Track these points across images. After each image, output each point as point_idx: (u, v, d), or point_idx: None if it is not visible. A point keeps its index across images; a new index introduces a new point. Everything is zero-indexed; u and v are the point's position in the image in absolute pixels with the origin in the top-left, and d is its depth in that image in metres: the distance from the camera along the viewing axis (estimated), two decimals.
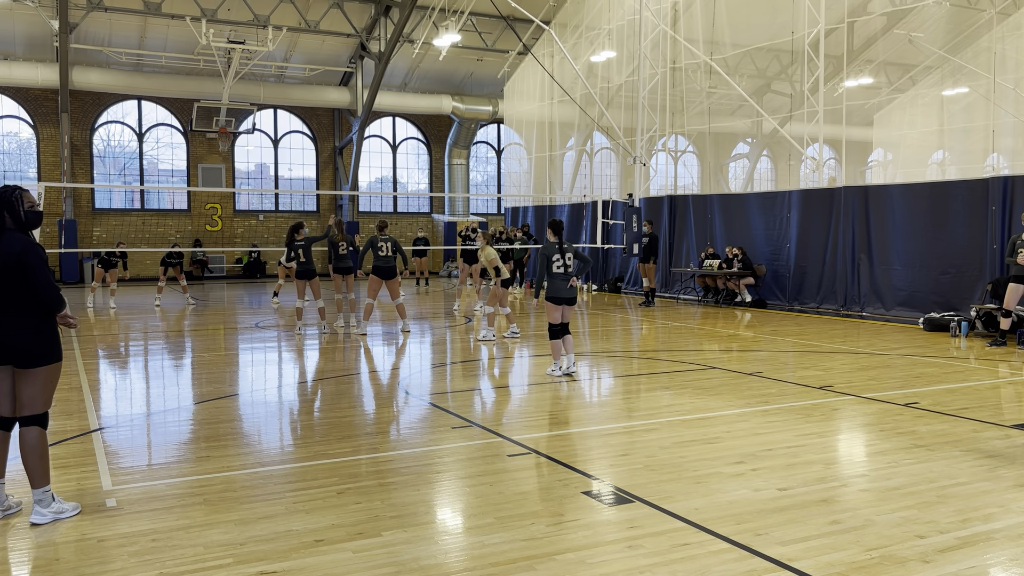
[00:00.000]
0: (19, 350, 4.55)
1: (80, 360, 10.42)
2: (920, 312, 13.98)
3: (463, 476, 5.49)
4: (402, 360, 10.84)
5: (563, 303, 9.06)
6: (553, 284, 8.98)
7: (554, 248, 8.98)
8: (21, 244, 4.55)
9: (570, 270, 9.00)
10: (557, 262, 8.97)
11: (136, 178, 27.38)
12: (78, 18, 23.27)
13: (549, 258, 8.97)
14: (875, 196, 15.30)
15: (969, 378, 9.01)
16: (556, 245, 8.99)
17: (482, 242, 12.64)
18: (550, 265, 8.97)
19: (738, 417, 7.14)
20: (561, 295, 8.99)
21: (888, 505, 4.80)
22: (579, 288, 9.31)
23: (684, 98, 22.59)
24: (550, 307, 9.08)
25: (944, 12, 22.81)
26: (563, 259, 8.97)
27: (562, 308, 9.09)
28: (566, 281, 8.96)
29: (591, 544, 4.24)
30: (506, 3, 18.87)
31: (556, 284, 8.97)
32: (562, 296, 8.99)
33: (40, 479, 4.63)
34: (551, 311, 9.08)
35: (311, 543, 4.27)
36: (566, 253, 9.00)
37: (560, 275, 8.96)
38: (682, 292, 19.49)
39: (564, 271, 8.97)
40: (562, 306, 9.08)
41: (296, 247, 12.89)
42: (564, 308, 9.11)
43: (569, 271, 8.99)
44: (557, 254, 8.97)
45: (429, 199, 32.06)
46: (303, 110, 29.28)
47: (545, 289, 9.05)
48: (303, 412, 7.67)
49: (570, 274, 8.99)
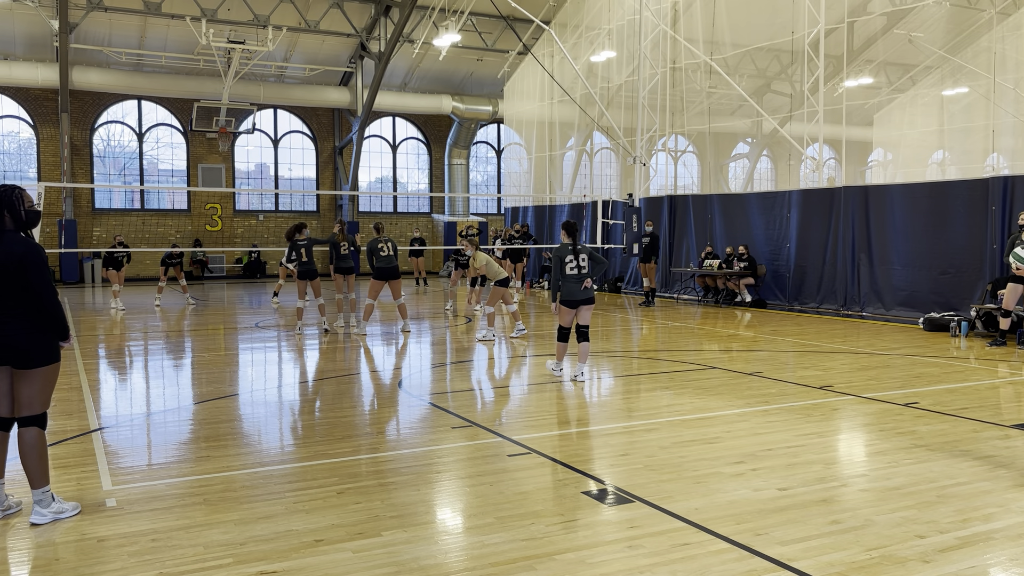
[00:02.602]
0: (18, 351, 4.55)
1: (80, 360, 10.42)
2: (920, 312, 13.98)
3: (463, 476, 5.49)
4: (402, 360, 10.84)
5: (579, 305, 8.89)
6: (567, 286, 8.80)
7: (567, 250, 8.82)
8: (23, 245, 4.55)
9: (584, 271, 8.82)
10: (570, 263, 8.79)
11: (136, 178, 27.38)
12: (78, 18, 23.27)
13: (562, 260, 8.80)
14: (875, 196, 15.30)
15: (969, 378, 9.01)
16: (569, 247, 8.84)
17: (472, 250, 12.56)
18: (563, 267, 8.80)
19: (738, 417, 7.14)
20: (576, 297, 8.82)
21: (888, 505, 4.80)
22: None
23: (684, 98, 22.59)
24: (564, 310, 8.90)
25: (944, 12, 22.82)
26: (576, 260, 8.79)
27: (578, 310, 8.93)
28: (580, 283, 8.79)
29: (591, 544, 4.24)
30: (506, 3, 18.88)
31: (570, 286, 8.80)
32: (577, 298, 8.83)
33: (39, 479, 4.63)
34: (564, 314, 8.93)
35: (311, 543, 4.27)
36: (580, 254, 8.82)
37: (574, 277, 8.78)
38: (682, 292, 19.49)
39: (578, 272, 8.80)
40: (578, 308, 8.91)
41: (298, 247, 12.90)
42: (581, 309, 8.94)
43: (583, 272, 8.81)
44: (571, 255, 8.79)
45: (429, 199, 32.06)
46: (303, 110, 29.28)
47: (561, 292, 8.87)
48: (303, 412, 7.66)
49: (584, 275, 8.81)
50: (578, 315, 8.98)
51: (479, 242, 13.04)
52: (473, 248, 12.60)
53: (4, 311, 4.54)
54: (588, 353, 9.08)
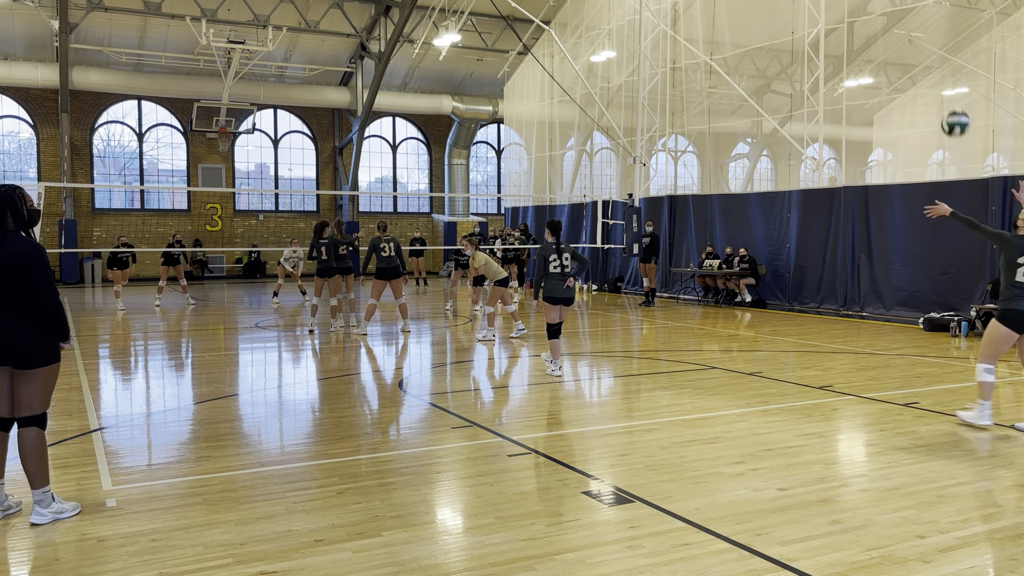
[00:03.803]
0: (19, 351, 4.55)
1: (80, 360, 10.42)
2: (920, 312, 13.98)
3: (463, 476, 5.48)
4: (402, 360, 10.84)
5: (559, 303, 9.16)
6: (550, 284, 9.08)
7: (551, 248, 9.09)
8: (26, 246, 4.56)
9: (567, 270, 9.08)
10: (554, 262, 9.06)
11: (136, 178, 27.38)
12: (78, 18, 23.27)
13: (546, 258, 9.08)
14: (875, 196, 15.30)
15: (969, 378, 9.01)
16: (553, 245, 9.10)
17: (471, 250, 12.64)
18: (547, 265, 9.06)
19: (738, 417, 7.14)
20: (557, 295, 9.09)
21: (888, 505, 4.80)
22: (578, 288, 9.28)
23: (684, 98, 22.60)
24: (547, 307, 9.19)
25: (944, 12, 22.82)
26: (560, 259, 9.06)
27: (559, 308, 9.20)
28: (562, 281, 9.04)
29: (591, 544, 4.24)
30: (506, 3, 18.88)
31: (552, 284, 9.07)
32: (558, 296, 9.10)
33: (39, 479, 4.63)
34: (548, 311, 9.21)
35: (311, 543, 4.27)
36: (563, 253, 9.09)
37: (556, 275, 9.05)
38: (682, 292, 19.49)
39: (561, 271, 9.06)
40: (559, 306, 9.19)
41: (320, 245, 13.26)
42: (561, 308, 9.22)
43: (566, 271, 9.07)
44: (554, 254, 9.07)
45: (429, 199, 32.05)
46: (303, 110, 29.28)
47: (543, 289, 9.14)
48: (303, 412, 7.66)
49: (567, 274, 9.06)
50: (559, 313, 9.24)
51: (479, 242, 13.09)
52: (472, 248, 12.65)
53: (5, 311, 4.54)
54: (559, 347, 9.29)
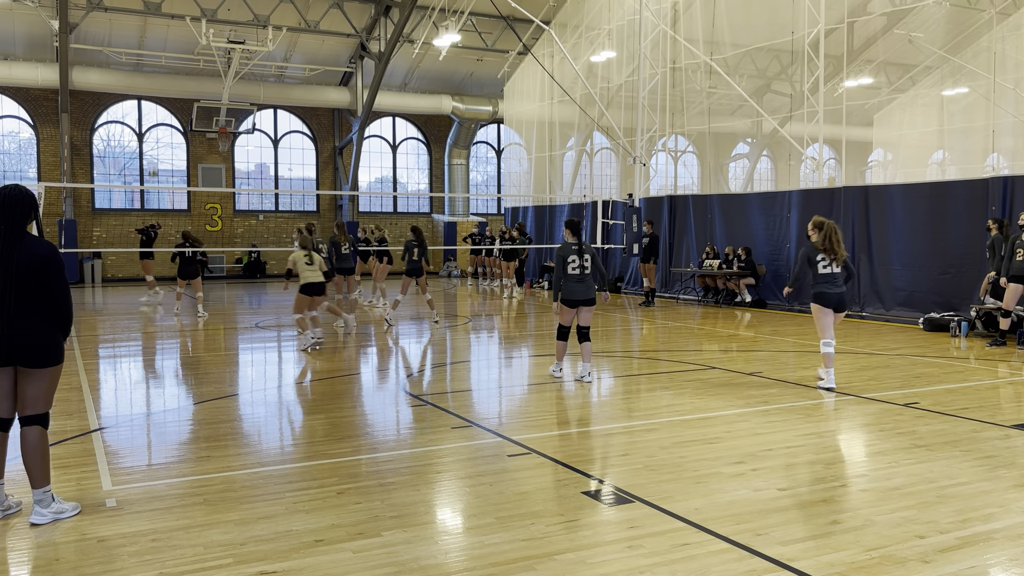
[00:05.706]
0: (30, 349, 4.57)
1: (80, 360, 10.42)
2: (920, 312, 13.97)
3: (463, 476, 5.48)
4: (402, 360, 10.84)
5: (579, 305, 8.72)
6: (568, 286, 8.63)
7: (571, 249, 8.66)
8: (46, 248, 4.62)
9: (586, 271, 8.66)
10: (573, 263, 8.61)
11: (136, 178, 27.37)
12: (78, 18, 23.27)
13: (565, 259, 8.63)
14: (875, 196, 15.30)
15: (969, 378, 9.01)
16: (573, 245, 8.68)
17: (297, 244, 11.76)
18: (565, 266, 8.63)
19: (738, 417, 7.14)
20: (576, 297, 8.65)
21: (888, 505, 4.80)
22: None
23: (684, 98, 22.59)
24: (565, 310, 8.76)
25: (944, 12, 22.82)
26: (579, 260, 8.62)
27: (578, 311, 8.79)
28: (581, 283, 8.62)
29: (591, 544, 4.24)
30: (506, 3, 18.87)
31: (571, 286, 8.63)
32: (577, 298, 8.66)
33: (40, 479, 4.63)
34: (565, 313, 8.79)
35: (311, 543, 4.27)
36: (583, 254, 8.64)
37: (575, 276, 8.62)
38: (682, 292, 19.49)
39: (580, 272, 8.63)
40: (578, 308, 8.76)
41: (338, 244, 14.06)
42: (582, 310, 8.78)
43: (585, 272, 8.65)
44: (574, 255, 8.62)
45: (429, 199, 32.05)
46: (303, 110, 29.27)
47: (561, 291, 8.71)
48: (303, 412, 7.66)
49: (586, 276, 8.65)
50: (578, 315, 8.85)
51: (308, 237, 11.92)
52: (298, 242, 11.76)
53: (23, 311, 4.57)
54: (591, 352, 8.98)
